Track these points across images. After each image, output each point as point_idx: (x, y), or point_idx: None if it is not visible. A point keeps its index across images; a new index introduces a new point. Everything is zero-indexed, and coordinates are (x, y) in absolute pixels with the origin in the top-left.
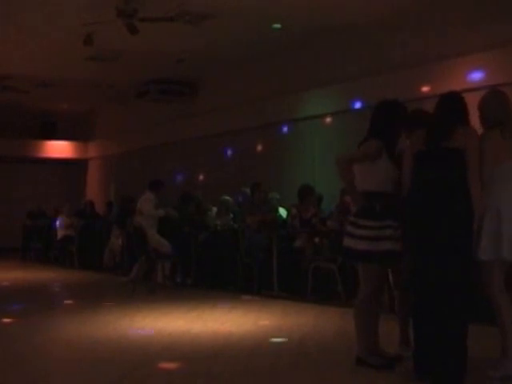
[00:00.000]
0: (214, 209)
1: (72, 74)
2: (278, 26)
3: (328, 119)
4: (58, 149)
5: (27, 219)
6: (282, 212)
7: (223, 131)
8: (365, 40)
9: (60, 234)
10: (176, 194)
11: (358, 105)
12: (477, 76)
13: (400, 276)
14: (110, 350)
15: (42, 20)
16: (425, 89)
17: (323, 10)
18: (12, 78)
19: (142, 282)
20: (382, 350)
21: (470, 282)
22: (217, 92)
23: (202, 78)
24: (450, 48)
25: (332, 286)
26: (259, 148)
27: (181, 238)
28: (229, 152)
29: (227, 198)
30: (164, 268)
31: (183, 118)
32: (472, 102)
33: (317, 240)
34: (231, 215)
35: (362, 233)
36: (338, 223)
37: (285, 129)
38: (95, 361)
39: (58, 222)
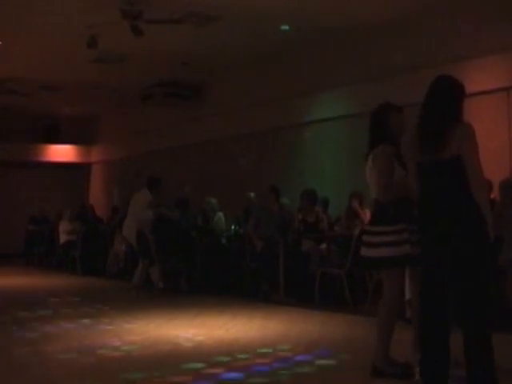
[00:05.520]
0: (220, 214)
1: (76, 77)
2: (286, 27)
3: (336, 123)
4: (62, 153)
5: (29, 224)
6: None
7: (229, 135)
8: (375, 42)
9: (62, 239)
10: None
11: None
12: (491, 78)
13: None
14: (113, 356)
15: (46, 22)
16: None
17: (332, 12)
18: (15, 81)
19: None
20: (392, 358)
21: (489, 290)
22: (223, 95)
23: (207, 81)
24: (463, 50)
25: (339, 292)
26: (266, 152)
27: (187, 243)
28: (235, 156)
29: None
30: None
31: (189, 121)
32: (485, 105)
33: (324, 245)
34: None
35: (380, 240)
36: (346, 228)
37: (293, 133)
38: (97, 368)
39: (60, 227)
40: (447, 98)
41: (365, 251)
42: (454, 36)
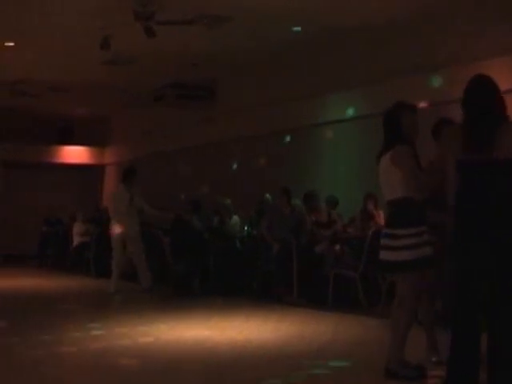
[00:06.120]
0: (236, 217)
1: (88, 79)
2: (297, 28)
3: (349, 123)
4: (75, 154)
5: (43, 226)
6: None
7: (241, 136)
8: (388, 42)
9: (76, 240)
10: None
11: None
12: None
13: (429, 282)
14: (127, 358)
15: (58, 24)
16: (455, 91)
17: (344, 11)
18: (28, 82)
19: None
20: (405, 360)
21: None
22: (235, 96)
23: (219, 82)
24: (483, 49)
25: (353, 294)
26: (278, 153)
27: (200, 244)
28: (247, 157)
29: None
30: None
31: (201, 122)
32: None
33: (338, 247)
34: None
35: (401, 243)
36: (361, 230)
37: (304, 134)
38: (112, 370)
39: (73, 229)
40: (494, 97)
41: (385, 255)
42: (472, 36)
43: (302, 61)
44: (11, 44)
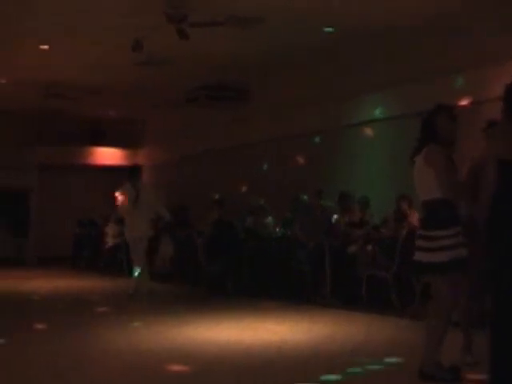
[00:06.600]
0: (271, 218)
1: (121, 80)
2: (329, 29)
3: (382, 124)
4: (108, 156)
5: (77, 227)
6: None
7: (274, 137)
8: (422, 42)
9: (109, 241)
10: (233, 203)
11: (412, 109)
12: None
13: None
14: (160, 360)
15: (92, 26)
16: (495, 91)
17: (377, 12)
18: (61, 84)
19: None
20: (440, 362)
21: None
22: (267, 97)
23: (252, 83)
24: None
25: (386, 295)
26: (311, 154)
27: (235, 244)
28: (280, 158)
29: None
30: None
31: (234, 123)
32: None
33: (370, 247)
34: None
35: (437, 244)
36: (395, 230)
37: (337, 134)
38: (145, 371)
39: (107, 230)
40: None
41: (420, 256)
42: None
43: (334, 61)
44: (46, 47)
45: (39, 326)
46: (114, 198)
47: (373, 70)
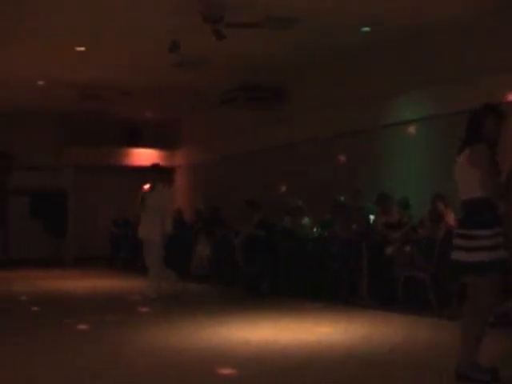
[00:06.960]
0: (306, 218)
1: (157, 81)
2: (366, 29)
3: (419, 124)
4: (145, 156)
5: (113, 227)
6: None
7: (311, 138)
8: (460, 42)
9: None
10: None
11: (448, 109)
12: None
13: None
14: (196, 359)
15: (128, 27)
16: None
17: (414, 12)
18: (98, 86)
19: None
20: (478, 363)
21: None
22: (304, 98)
23: (289, 84)
24: None
25: (423, 296)
26: (349, 154)
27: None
28: (318, 158)
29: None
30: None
31: (270, 124)
32: None
33: (408, 248)
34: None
35: (478, 244)
36: (431, 231)
37: (375, 135)
38: (180, 371)
39: None
40: None
41: (458, 255)
42: None
43: (371, 61)
44: (82, 49)
45: (80, 326)
46: None
47: (410, 70)
